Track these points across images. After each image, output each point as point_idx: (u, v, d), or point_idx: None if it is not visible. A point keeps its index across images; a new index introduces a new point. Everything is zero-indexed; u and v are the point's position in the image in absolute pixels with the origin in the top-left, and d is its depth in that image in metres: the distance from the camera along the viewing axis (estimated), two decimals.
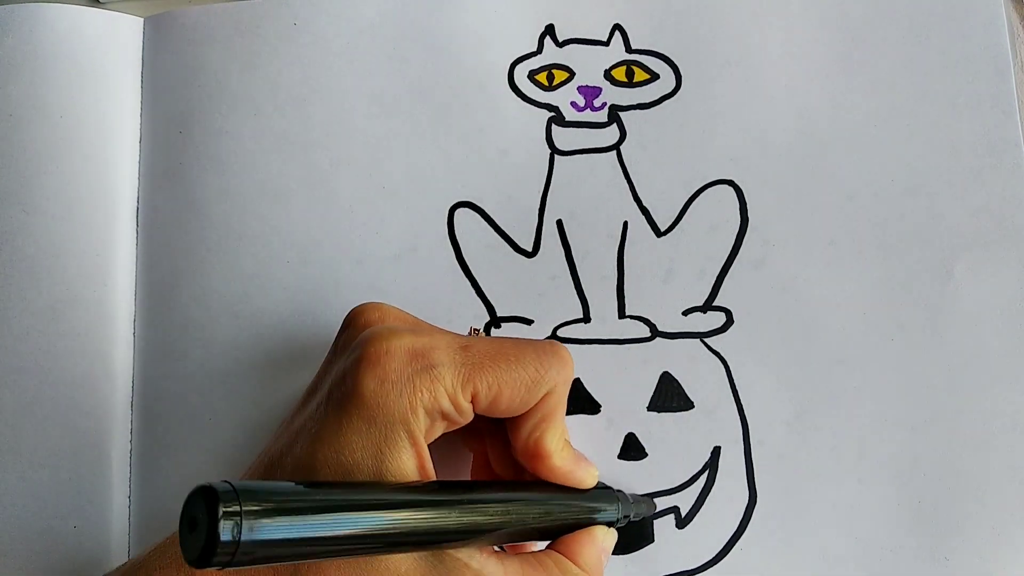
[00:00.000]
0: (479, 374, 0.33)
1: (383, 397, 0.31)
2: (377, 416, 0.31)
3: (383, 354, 0.32)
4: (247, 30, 0.45)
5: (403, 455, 0.31)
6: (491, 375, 0.33)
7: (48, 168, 0.43)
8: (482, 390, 0.33)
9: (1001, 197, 0.41)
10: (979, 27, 0.43)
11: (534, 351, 0.34)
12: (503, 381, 0.33)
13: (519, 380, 0.33)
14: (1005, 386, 0.40)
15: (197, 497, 0.23)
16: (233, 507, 0.23)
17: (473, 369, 0.33)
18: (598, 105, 0.44)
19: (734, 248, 0.42)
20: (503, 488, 0.34)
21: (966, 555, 0.39)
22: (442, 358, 0.32)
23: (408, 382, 0.31)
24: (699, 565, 0.40)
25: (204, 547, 0.23)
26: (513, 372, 0.33)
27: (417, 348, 0.32)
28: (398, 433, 0.31)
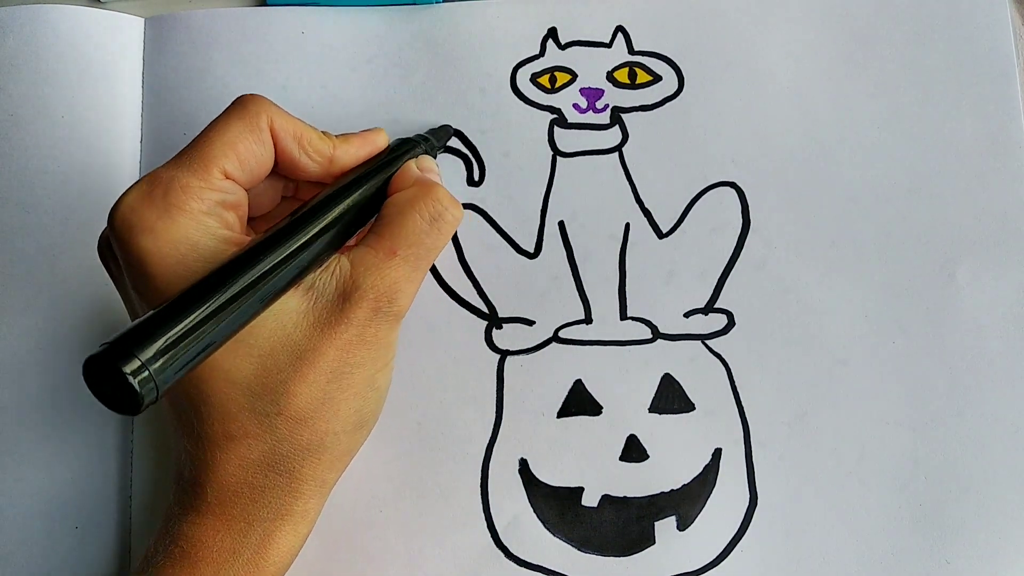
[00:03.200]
0: (208, 155, 0.34)
1: (166, 237, 0.32)
2: (181, 252, 0.32)
3: (127, 217, 0.32)
4: (254, 36, 0.45)
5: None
6: (217, 147, 0.34)
7: (49, 168, 0.43)
8: (224, 163, 0.34)
9: (1004, 199, 0.42)
10: (983, 29, 0.43)
11: (228, 112, 0.35)
12: (229, 142, 0.34)
13: (239, 131, 0.34)
14: (1006, 388, 0.40)
15: (94, 370, 0.26)
16: (134, 364, 0.26)
17: (200, 156, 0.34)
18: (600, 107, 0.44)
19: (736, 250, 0.42)
20: (322, 197, 0.36)
21: (967, 557, 0.39)
22: (168, 172, 0.33)
23: (170, 209, 0.32)
24: (700, 567, 0.40)
25: (131, 403, 0.26)
26: (229, 132, 0.34)
27: (147, 186, 0.33)
28: (214, 245, 0.32)
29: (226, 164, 0.34)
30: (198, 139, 0.34)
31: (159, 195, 0.32)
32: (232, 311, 0.29)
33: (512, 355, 0.42)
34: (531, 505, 0.40)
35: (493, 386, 0.41)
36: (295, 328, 0.33)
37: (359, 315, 0.34)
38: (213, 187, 0.33)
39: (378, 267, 0.35)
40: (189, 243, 0.32)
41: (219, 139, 0.34)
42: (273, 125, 0.35)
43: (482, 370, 0.41)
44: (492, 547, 0.40)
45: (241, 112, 0.35)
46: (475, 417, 0.41)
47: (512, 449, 0.41)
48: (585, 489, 0.40)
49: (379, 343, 0.35)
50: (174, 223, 0.32)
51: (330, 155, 0.37)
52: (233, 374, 0.32)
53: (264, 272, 0.31)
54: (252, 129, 0.35)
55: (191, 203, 0.33)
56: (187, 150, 0.34)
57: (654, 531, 0.40)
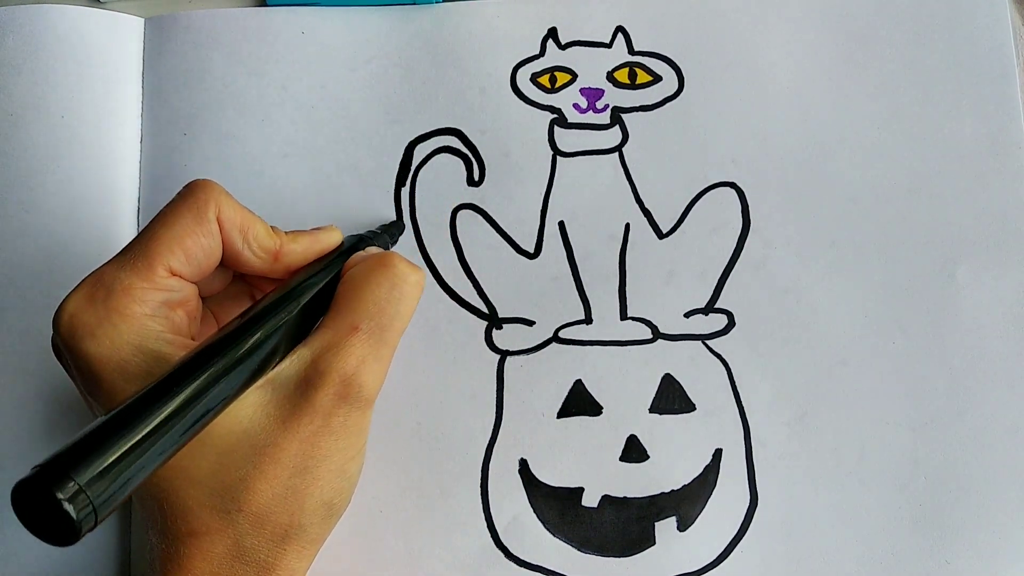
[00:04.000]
0: (153, 252, 0.32)
1: (108, 342, 0.31)
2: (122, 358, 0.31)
3: (70, 322, 0.31)
4: (254, 36, 0.45)
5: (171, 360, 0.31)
6: (161, 245, 0.33)
7: (49, 168, 0.43)
8: (168, 259, 0.32)
9: (1004, 199, 0.42)
10: (983, 29, 0.43)
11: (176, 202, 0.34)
12: (175, 237, 0.33)
13: (184, 225, 0.33)
14: (1007, 388, 0.40)
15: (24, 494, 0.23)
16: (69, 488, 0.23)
17: (145, 253, 0.32)
18: (600, 107, 0.44)
19: (736, 250, 0.42)
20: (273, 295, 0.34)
21: (967, 557, 0.39)
22: (113, 273, 0.32)
23: (111, 313, 0.31)
24: (700, 567, 0.40)
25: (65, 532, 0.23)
26: (175, 226, 0.33)
27: (88, 289, 0.32)
28: (151, 350, 0.31)
29: (172, 261, 0.33)
30: (144, 233, 0.33)
31: (100, 298, 0.31)
32: (175, 424, 0.27)
33: (512, 355, 0.42)
34: (531, 505, 0.40)
35: (493, 386, 0.41)
36: (252, 422, 0.31)
37: (323, 403, 0.32)
38: (157, 286, 0.32)
39: (339, 347, 0.33)
40: (132, 347, 0.31)
41: (165, 234, 0.33)
42: (220, 215, 0.34)
43: (482, 370, 0.41)
44: (492, 547, 0.40)
45: (189, 202, 0.33)
46: (475, 417, 0.41)
47: (512, 449, 0.41)
48: (585, 489, 0.40)
49: (348, 432, 0.33)
50: (115, 328, 0.31)
51: (275, 252, 0.35)
52: (192, 472, 0.31)
53: (211, 379, 0.29)
54: (200, 221, 0.33)
55: (133, 306, 0.31)
56: (133, 245, 0.33)
57: (654, 531, 0.40)
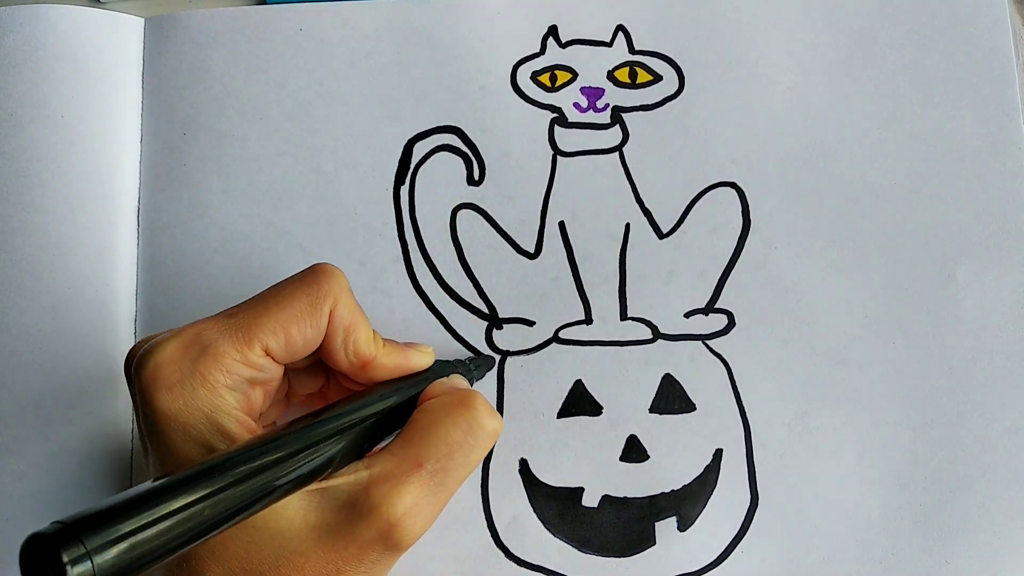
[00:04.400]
0: (257, 327, 0.32)
1: (182, 401, 0.31)
2: (189, 420, 0.31)
3: (156, 368, 0.31)
4: (253, 35, 0.45)
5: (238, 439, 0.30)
6: (269, 322, 0.32)
7: (49, 168, 0.43)
8: (269, 340, 0.32)
9: (1003, 200, 0.42)
10: (983, 30, 0.43)
11: (298, 281, 0.34)
12: (283, 321, 0.32)
13: (297, 312, 0.33)
14: (1006, 388, 0.40)
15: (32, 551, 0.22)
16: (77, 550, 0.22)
17: (249, 326, 0.32)
18: (601, 106, 0.44)
19: (736, 250, 0.42)
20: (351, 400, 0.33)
21: (967, 557, 0.39)
22: (212, 335, 0.32)
23: (195, 375, 0.31)
24: (701, 567, 0.40)
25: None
26: (287, 309, 0.33)
27: (185, 341, 0.31)
28: (218, 423, 0.31)
29: (271, 342, 0.32)
30: (255, 303, 0.33)
31: (192, 356, 0.31)
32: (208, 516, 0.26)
33: (512, 355, 0.42)
34: (531, 505, 0.40)
35: (493, 386, 0.41)
36: (290, 524, 0.31)
37: (364, 536, 0.31)
38: (248, 363, 0.32)
39: (399, 481, 0.31)
40: (201, 414, 0.31)
41: (275, 313, 0.32)
42: (334, 311, 0.33)
43: None
44: (492, 547, 0.40)
45: (310, 289, 0.33)
46: None
47: (512, 449, 0.41)
48: (585, 489, 0.40)
49: (377, 569, 0.32)
50: (194, 391, 0.31)
51: (367, 361, 0.34)
52: (217, 550, 0.30)
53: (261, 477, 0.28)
54: (312, 312, 0.33)
55: (218, 375, 0.31)
56: (240, 311, 0.33)
57: (654, 531, 0.40)
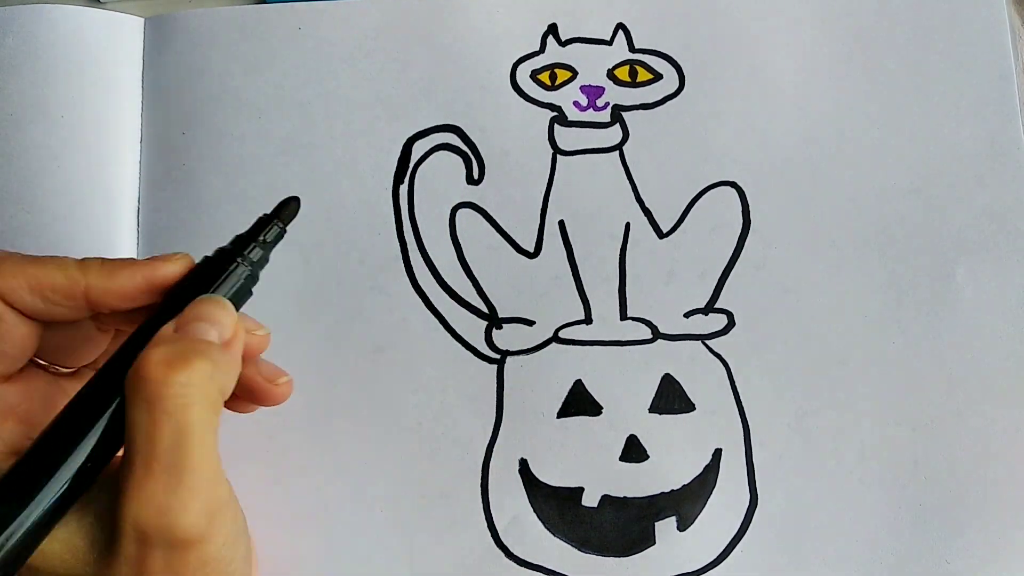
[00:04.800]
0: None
1: None
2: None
3: None
4: (251, 34, 0.44)
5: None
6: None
7: (49, 168, 0.43)
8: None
9: (1003, 200, 0.41)
10: (982, 30, 0.43)
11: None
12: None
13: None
14: (1006, 388, 0.40)
15: None
16: None
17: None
18: (601, 105, 0.44)
19: (736, 250, 0.42)
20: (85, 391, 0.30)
21: (967, 557, 0.39)
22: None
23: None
24: (700, 567, 0.40)
25: None
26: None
27: None
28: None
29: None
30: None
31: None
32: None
33: (512, 355, 0.42)
34: (531, 505, 0.40)
35: (493, 386, 0.41)
36: (63, 563, 0.28)
37: (129, 553, 0.27)
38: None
39: (126, 494, 0.27)
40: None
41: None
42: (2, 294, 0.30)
43: (482, 370, 0.41)
44: (492, 547, 0.40)
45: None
46: (475, 417, 0.41)
47: (512, 449, 0.41)
48: (585, 489, 0.40)
49: (179, 570, 0.28)
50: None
51: (80, 292, 0.30)
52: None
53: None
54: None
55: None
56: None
57: (654, 531, 0.40)
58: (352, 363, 0.42)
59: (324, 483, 0.41)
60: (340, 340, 0.42)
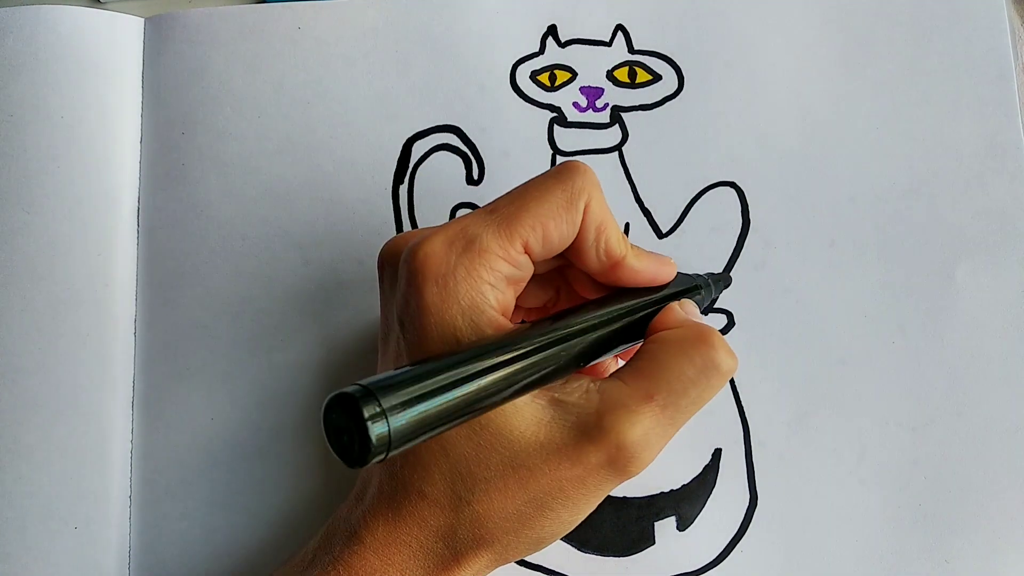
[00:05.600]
0: (517, 223, 0.32)
1: (447, 297, 0.31)
2: (446, 314, 0.31)
3: (424, 261, 0.31)
4: (251, 34, 0.45)
5: (489, 336, 0.31)
6: (528, 218, 0.32)
7: (49, 168, 0.43)
8: (529, 236, 0.32)
9: (1002, 200, 0.42)
10: (981, 29, 0.43)
11: (553, 177, 0.33)
12: (542, 216, 0.32)
13: (555, 207, 0.32)
14: (1006, 388, 0.40)
15: (335, 406, 0.25)
16: (374, 408, 0.24)
17: (510, 222, 0.32)
18: (600, 106, 0.44)
19: (735, 250, 0.42)
20: (587, 309, 0.33)
21: (966, 557, 0.39)
22: (475, 229, 0.32)
23: (459, 269, 0.31)
24: (700, 567, 0.40)
25: (359, 450, 0.24)
26: (545, 204, 0.32)
27: (450, 235, 0.32)
28: (472, 318, 0.31)
29: (531, 238, 0.32)
30: (512, 199, 0.33)
31: (457, 249, 0.31)
32: (481, 395, 0.28)
33: None
34: None
35: None
36: (521, 436, 0.31)
37: (591, 460, 0.31)
38: (509, 258, 0.32)
39: (629, 411, 0.31)
40: (460, 308, 0.31)
41: (535, 209, 0.32)
42: (588, 207, 0.33)
43: None
44: None
45: (566, 185, 0.32)
46: None
47: None
48: None
49: (597, 492, 0.32)
50: (457, 284, 0.31)
51: (617, 261, 0.34)
52: (450, 447, 0.31)
53: (523, 366, 0.29)
54: (569, 208, 0.32)
55: (481, 271, 0.31)
56: (500, 207, 0.32)
57: (654, 531, 0.40)
58: (352, 363, 0.42)
59: (324, 484, 0.41)
60: (340, 340, 0.42)
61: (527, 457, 0.31)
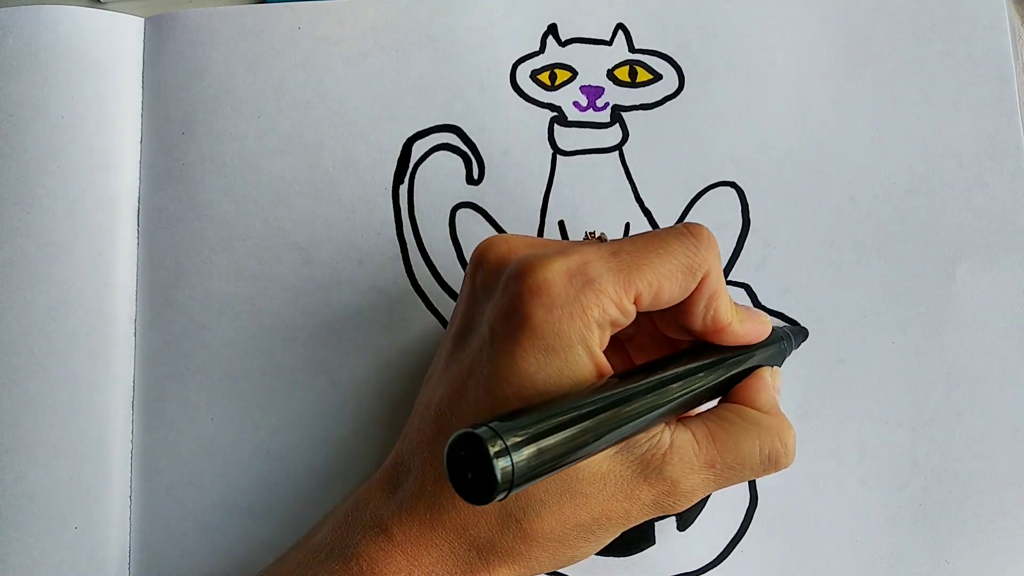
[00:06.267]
0: (636, 275, 0.32)
1: (556, 324, 0.31)
2: (555, 344, 0.31)
3: (543, 283, 0.31)
4: (251, 34, 0.45)
5: (584, 375, 0.31)
6: (648, 273, 0.32)
7: (49, 168, 0.43)
8: (644, 289, 0.32)
9: (1002, 199, 0.41)
10: (981, 29, 0.43)
11: (678, 238, 0.33)
12: (661, 275, 0.32)
13: (675, 270, 0.33)
14: (1006, 388, 0.40)
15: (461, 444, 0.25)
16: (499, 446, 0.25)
17: (630, 271, 0.32)
18: (600, 105, 0.44)
19: (735, 250, 0.42)
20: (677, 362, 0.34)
21: (967, 557, 0.39)
22: (598, 270, 0.32)
23: (575, 303, 0.31)
24: (700, 567, 0.40)
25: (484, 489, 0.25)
26: (667, 264, 0.33)
27: (572, 268, 0.32)
28: (577, 355, 0.31)
29: (645, 291, 0.32)
30: (639, 248, 0.33)
31: (576, 285, 0.31)
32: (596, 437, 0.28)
33: None
34: None
35: None
36: (585, 464, 0.32)
37: (643, 497, 0.32)
38: (621, 306, 0.32)
39: (692, 467, 0.33)
40: (563, 342, 0.31)
41: (656, 265, 0.32)
42: (706, 279, 0.33)
43: None
44: None
45: (690, 251, 0.33)
46: None
47: None
48: None
49: (634, 523, 0.33)
50: (567, 318, 0.31)
51: (722, 328, 0.34)
52: None
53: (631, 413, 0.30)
54: (688, 275, 0.33)
55: (593, 310, 0.31)
56: (624, 252, 0.33)
57: (654, 531, 0.40)
58: (352, 363, 0.42)
59: (324, 484, 0.41)
60: (340, 340, 0.42)
61: (586, 485, 0.32)
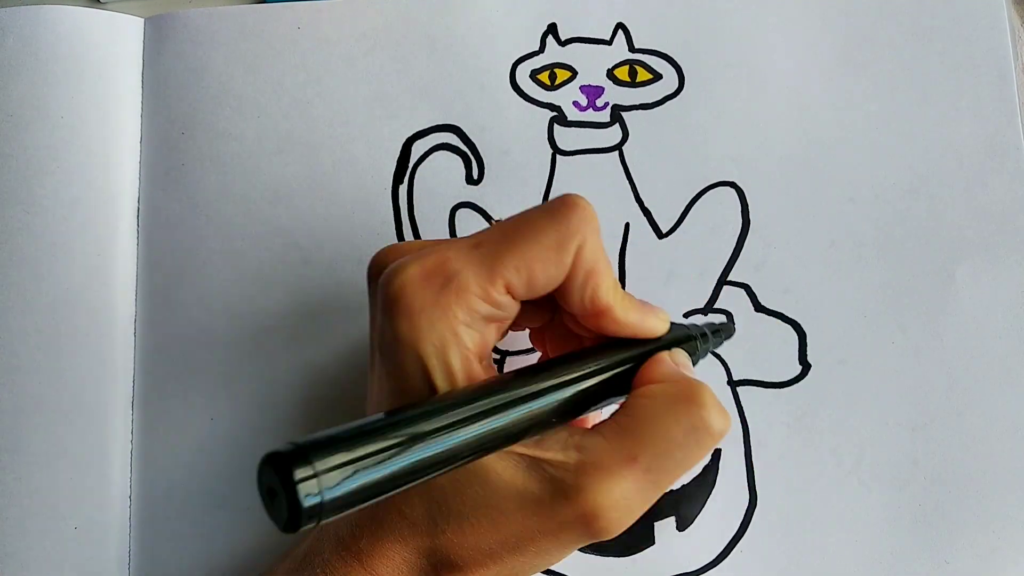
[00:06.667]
0: (501, 263, 0.30)
1: (420, 336, 0.29)
2: (420, 349, 0.29)
3: (399, 291, 0.30)
4: (251, 34, 0.45)
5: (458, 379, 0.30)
6: (515, 259, 0.30)
7: (49, 168, 0.43)
8: (512, 277, 0.30)
9: (1002, 199, 0.41)
10: (981, 29, 0.43)
11: (546, 214, 0.31)
12: (530, 258, 0.30)
13: (544, 248, 0.30)
14: (1006, 388, 0.40)
15: (267, 466, 0.23)
16: (306, 471, 0.22)
17: (493, 261, 0.30)
18: (600, 105, 0.44)
19: (735, 250, 0.42)
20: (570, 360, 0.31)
21: (967, 557, 0.39)
22: (457, 265, 0.30)
23: (434, 306, 0.29)
24: (699, 567, 0.40)
25: (289, 515, 0.23)
26: (535, 244, 0.30)
27: (428, 268, 0.30)
28: (445, 358, 0.29)
29: (514, 279, 0.30)
30: (503, 234, 0.31)
31: (435, 286, 0.30)
32: (432, 461, 0.26)
33: (512, 355, 0.42)
34: None
35: None
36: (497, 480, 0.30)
37: (564, 516, 0.29)
38: (489, 299, 0.30)
39: (609, 472, 0.29)
40: (434, 348, 0.29)
41: (522, 248, 0.30)
42: (580, 252, 0.30)
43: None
44: None
45: (559, 224, 0.30)
46: None
47: None
48: None
49: (570, 546, 0.31)
50: (430, 324, 0.29)
51: (603, 310, 0.31)
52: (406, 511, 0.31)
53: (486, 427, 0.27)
54: (559, 250, 0.30)
55: (457, 311, 0.30)
56: (485, 242, 0.31)
57: (653, 531, 0.40)
58: (352, 363, 0.42)
59: None
60: (340, 340, 0.42)
61: (501, 501, 0.30)
